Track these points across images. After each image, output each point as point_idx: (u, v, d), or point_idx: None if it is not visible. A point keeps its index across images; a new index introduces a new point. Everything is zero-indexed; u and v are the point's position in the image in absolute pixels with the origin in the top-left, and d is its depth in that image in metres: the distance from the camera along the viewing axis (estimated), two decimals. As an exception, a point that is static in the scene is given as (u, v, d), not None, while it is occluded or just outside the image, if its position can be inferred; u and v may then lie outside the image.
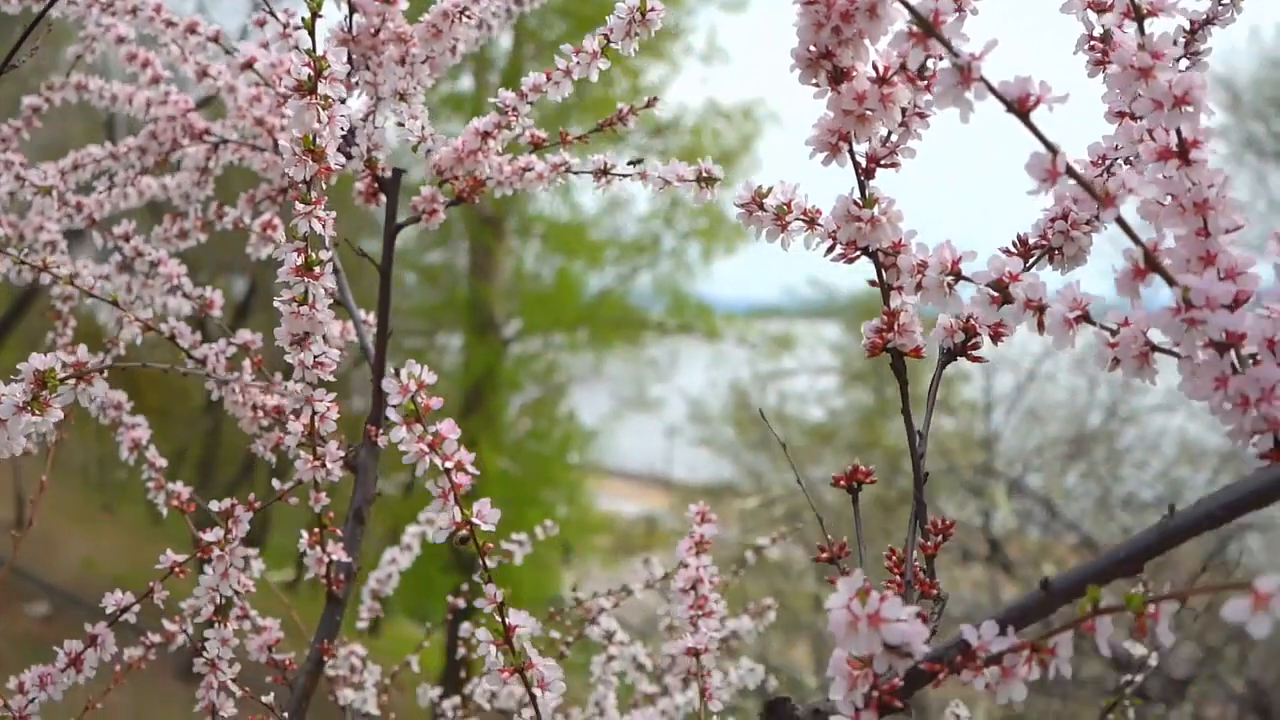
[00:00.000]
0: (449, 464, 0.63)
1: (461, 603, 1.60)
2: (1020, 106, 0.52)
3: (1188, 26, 0.71)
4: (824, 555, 0.66)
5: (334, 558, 0.99)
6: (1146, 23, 0.59)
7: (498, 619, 0.66)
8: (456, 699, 1.52)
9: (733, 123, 9.80)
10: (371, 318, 1.16)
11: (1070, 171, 0.51)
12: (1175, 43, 0.58)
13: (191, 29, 1.13)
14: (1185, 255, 0.55)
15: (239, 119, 1.18)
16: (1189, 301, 0.51)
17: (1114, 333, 0.57)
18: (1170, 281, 0.52)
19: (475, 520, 0.64)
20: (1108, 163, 0.71)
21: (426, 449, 0.63)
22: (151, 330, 1.01)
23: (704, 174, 0.88)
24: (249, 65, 1.07)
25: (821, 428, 9.22)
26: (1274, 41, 8.45)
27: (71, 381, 0.68)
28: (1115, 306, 0.58)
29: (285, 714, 0.96)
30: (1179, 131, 0.54)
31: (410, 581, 1.84)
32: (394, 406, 0.62)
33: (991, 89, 0.51)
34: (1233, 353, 0.53)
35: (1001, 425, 6.47)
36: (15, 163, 1.17)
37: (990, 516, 5.69)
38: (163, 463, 1.13)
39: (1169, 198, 0.55)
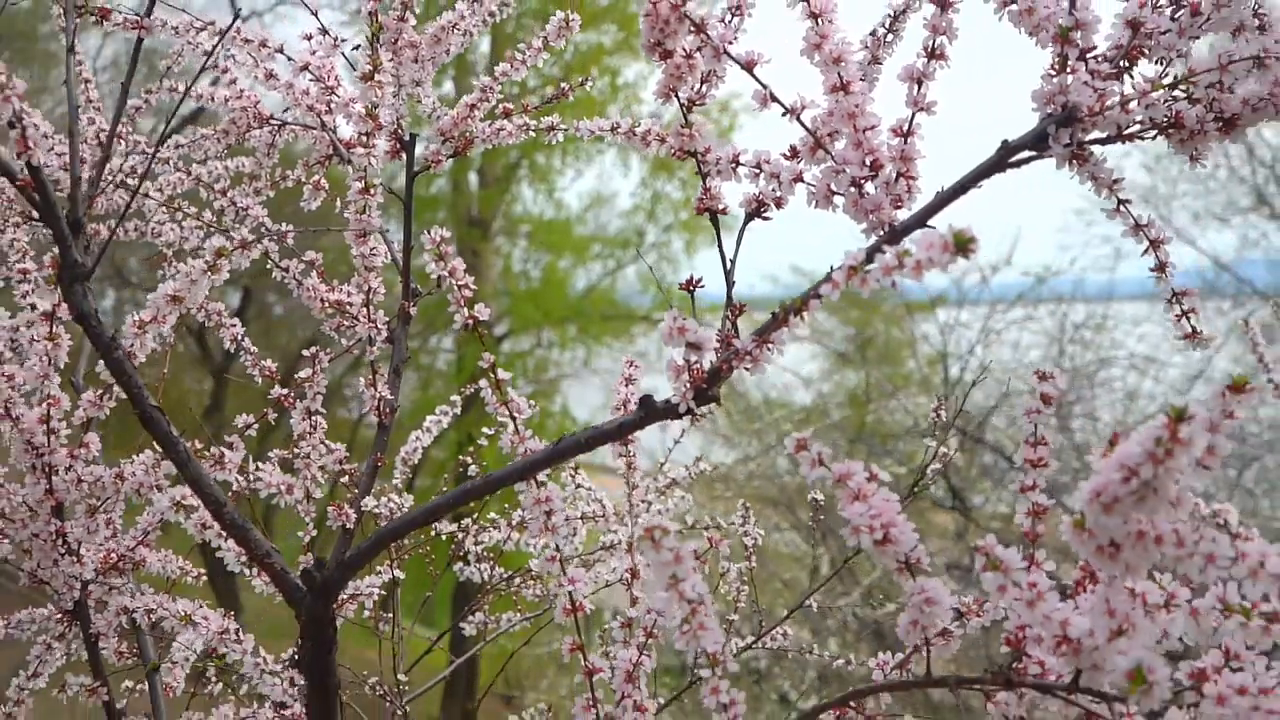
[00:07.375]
0: (460, 282, 1.11)
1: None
2: (748, 65, 1.01)
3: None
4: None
5: (383, 395, 1.47)
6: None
7: (492, 375, 1.15)
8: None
9: (710, 116, 10.27)
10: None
11: (773, 98, 1.00)
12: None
13: (263, 44, 1.61)
14: (850, 142, 1.04)
15: (295, 106, 1.67)
16: (835, 160, 1.00)
17: (814, 188, 1.05)
18: (828, 152, 1.01)
19: (477, 315, 1.13)
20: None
21: (446, 274, 1.11)
22: (249, 246, 1.50)
23: (615, 126, 1.36)
24: (305, 67, 1.55)
25: (810, 411, 9.52)
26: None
27: (239, 250, 1.17)
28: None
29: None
30: (839, 74, 1.03)
31: (412, 583, 2.24)
32: (427, 250, 1.11)
33: (731, 57, 1.00)
34: (868, 186, 1.02)
35: (960, 376, 6.97)
36: (140, 142, 1.65)
37: (948, 467, 6.18)
38: (255, 350, 1.61)
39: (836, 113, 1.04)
